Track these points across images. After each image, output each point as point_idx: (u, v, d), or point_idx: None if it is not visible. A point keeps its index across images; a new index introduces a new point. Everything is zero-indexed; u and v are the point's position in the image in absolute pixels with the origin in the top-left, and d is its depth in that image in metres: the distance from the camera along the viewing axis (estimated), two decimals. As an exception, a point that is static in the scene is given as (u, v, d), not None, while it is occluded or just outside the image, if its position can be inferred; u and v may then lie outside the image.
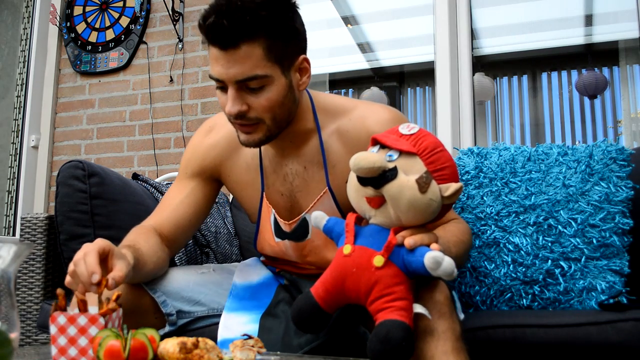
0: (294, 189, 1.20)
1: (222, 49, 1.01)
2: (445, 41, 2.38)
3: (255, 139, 1.09)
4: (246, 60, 1.01)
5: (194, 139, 1.30)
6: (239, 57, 1.01)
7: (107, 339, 0.71)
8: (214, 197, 1.31)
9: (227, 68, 1.02)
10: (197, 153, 1.27)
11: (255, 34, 1.00)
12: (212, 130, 1.28)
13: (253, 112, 1.06)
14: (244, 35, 1.00)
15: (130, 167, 2.85)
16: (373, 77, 4.73)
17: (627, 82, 4.10)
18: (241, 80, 1.02)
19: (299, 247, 1.22)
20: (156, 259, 1.14)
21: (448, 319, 0.91)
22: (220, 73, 1.03)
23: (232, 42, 1.00)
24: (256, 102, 1.05)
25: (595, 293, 1.30)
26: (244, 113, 1.05)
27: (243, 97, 1.05)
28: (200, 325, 1.21)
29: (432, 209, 0.90)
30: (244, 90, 1.04)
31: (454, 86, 2.37)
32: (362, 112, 1.17)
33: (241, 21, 0.99)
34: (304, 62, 1.11)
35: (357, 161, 0.88)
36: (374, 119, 1.14)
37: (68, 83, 3.05)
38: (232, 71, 1.02)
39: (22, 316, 1.62)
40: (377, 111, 1.16)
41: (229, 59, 1.01)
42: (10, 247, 0.67)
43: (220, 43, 1.01)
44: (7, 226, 3.05)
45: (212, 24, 0.99)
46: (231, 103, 1.04)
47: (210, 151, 1.26)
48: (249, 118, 1.06)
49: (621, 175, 1.37)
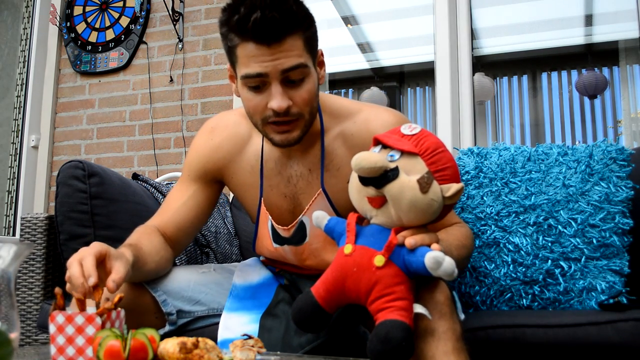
0: (297, 191, 1.20)
1: (267, 44, 0.99)
2: (445, 41, 2.38)
3: (294, 137, 1.08)
4: (291, 51, 1.01)
5: (197, 140, 1.28)
6: (285, 48, 1.00)
7: (107, 339, 0.71)
8: (216, 199, 1.31)
9: (272, 61, 1.00)
10: (200, 155, 1.26)
11: (299, 25, 1.01)
12: (215, 131, 1.26)
13: (295, 107, 1.05)
14: (291, 28, 1.00)
15: (130, 167, 2.85)
16: (373, 77, 4.74)
17: (627, 82, 4.10)
18: (289, 68, 1.01)
19: (298, 251, 1.22)
20: (158, 258, 1.14)
21: (448, 319, 0.91)
22: (265, 67, 1.01)
23: (279, 35, 0.99)
24: (298, 96, 1.04)
25: (595, 293, 1.30)
26: (289, 109, 1.04)
27: (286, 92, 1.04)
28: (200, 325, 1.21)
29: (433, 210, 0.90)
30: (286, 84, 1.04)
31: (454, 86, 2.37)
32: (367, 115, 1.17)
33: (289, 13, 0.98)
34: (321, 55, 1.13)
35: (358, 161, 0.88)
36: (378, 122, 1.14)
37: (68, 83, 3.05)
38: (279, 62, 1.00)
39: (22, 316, 1.62)
40: (382, 114, 1.16)
41: (274, 52, 1.00)
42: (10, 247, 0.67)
43: (267, 38, 0.99)
44: (7, 226, 3.05)
45: (260, 18, 0.97)
46: (280, 98, 1.02)
47: (214, 154, 1.25)
48: (292, 114, 1.05)
49: (621, 175, 1.37)
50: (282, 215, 1.22)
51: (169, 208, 1.25)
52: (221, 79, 2.76)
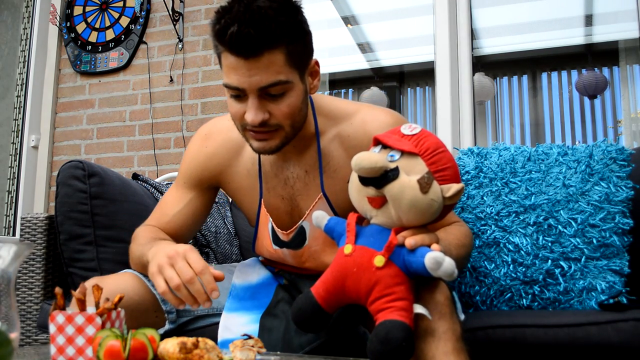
0: (294, 192, 1.20)
1: (245, 58, 0.98)
2: (445, 41, 2.38)
3: (272, 146, 1.07)
4: (269, 67, 0.98)
5: (191, 147, 1.27)
6: (262, 64, 0.98)
7: (107, 339, 0.71)
8: (212, 203, 1.31)
9: (248, 76, 0.99)
10: (194, 163, 1.25)
11: (278, 41, 0.98)
12: (209, 138, 1.25)
13: (274, 119, 1.03)
14: (269, 43, 0.97)
15: (130, 167, 2.85)
16: (373, 77, 4.74)
17: (627, 82, 4.10)
18: (264, 86, 1.00)
19: (297, 255, 1.22)
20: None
21: (448, 319, 0.91)
22: (241, 82, 1.00)
23: (256, 50, 0.97)
24: (277, 109, 1.03)
25: (595, 293, 1.30)
26: (266, 121, 1.03)
27: (264, 104, 1.02)
28: (200, 325, 1.21)
29: (434, 210, 0.90)
30: (264, 97, 1.02)
31: (454, 86, 2.37)
32: (364, 116, 1.16)
33: (266, 29, 0.96)
34: (315, 65, 1.10)
35: (358, 161, 0.88)
36: (375, 123, 1.13)
37: (68, 83, 3.05)
38: (255, 79, 0.99)
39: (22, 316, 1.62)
40: (379, 115, 1.16)
41: (251, 67, 0.98)
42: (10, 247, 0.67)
43: (244, 52, 0.97)
44: (7, 226, 3.05)
45: (236, 33, 0.95)
46: (254, 112, 1.01)
47: (209, 161, 1.24)
48: (270, 125, 1.04)
49: (621, 175, 1.37)
50: (280, 217, 1.22)
51: (165, 214, 1.25)
52: (221, 79, 2.74)
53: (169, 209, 1.25)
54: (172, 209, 1.25)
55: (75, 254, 1.45)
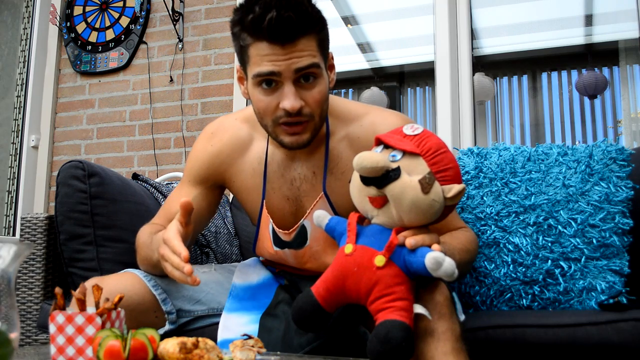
0: (300, 193, 1.19)
1: (281, 44, 0.99)
2: (445, 41, 2.38)
3: (304, 139, 1.08)
4: (304, 51, 1.01)
5: (197, 146, 1.28)
6: (298, 49, 1.00)
7: (107, 339, 0.71)
8: (217, 202, 1.31)
9: (286, 60, 1.00)
10: (200, 162, 1.26)
11: (313, 27, 1.01)
12: (215, 136, 1.25)
13: (307, 107, 1.05)
14: (305, 28, 1.00)
15: (130, 167, 2.85)
16: (373, 77, 4.73)
17: (627, 82, 4.10)
18: (303, 67, 1.01)
19: (298, 255, 1.22)
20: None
21: (448, 319, 0.91)
22: (278, 66, 1.01)
23: (293, 35, 0.99)
24: (310, 97, 1.04)
25: (595, 293, 1.30)
26: (301, 109, 1.04)
27: (298, 92, 1.03)
28: (200, 325, 1.21)
29: (435, 210, 0.90)
30: (298, 85, 1.03)
31: (454, 86, 2.37)
32: (373, 118, 1.16)
33: (305, 14, 0.98)
34: (331, 58, 1.12)
35: (360, 160, 0.88)
36: (384, 125, 1.13)
37: (68, 83, 3.05)
38: (293, 62, 1.00)
39: (22, 316, 1.62)
40: (388, 117, 1.16)
41: (287, 52, 1.00)
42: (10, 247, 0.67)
43: (281, 38, 0.99)
44: (7, 226, 3.05)
45: (275, 18, 0.96)
46: (293, 98, 1.02)
47: (215, 159, 1.24)
48: (304, 114, 1.05)
49: (621, 175, 1.37)
50: (284, 218, 1.21)
51: (170, 212, 1.25)
52: (221, 79, 2.76)
53: (174, 207, 1.25)
54: (177, 207, 1.25)
55: (75, 254, 1.45)
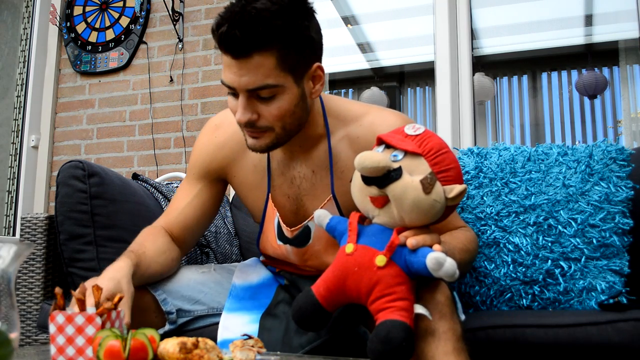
0: (300, 192, 1.20)
1: (234, 58, 1.00)
2: (445, 41, 2.38)
3: (262, 145, 1.08)
4: (258, 69, 0.99)
5: (201, 138, 1.28)
6: (251, 66, 0.99)
7: (107, 339, 0.71)
8: (221, 197, 1.31)
9: (238, 76, 1.00)
10: (204, 153, 1.26)
11: (268, 44, 0.98)
12: (220, 128, 1.26)
13: (263, 120, 1.04)
14: (257, 45, 0.98)
15: (130, 167, 2.85)
16: (373, 77, 4.73)
17: (627, 82, 4.10)
18: (252, 89, 1.01)
19: (300, 252, 1.22)
20: (163, 259, 1.16)
21: (449, 319, 0.91)
22: (232, 80, 1.02)
23: (244, 51, 0.98)
24: (266, 111, 1.03)
25: (595, 293, 1.30)
26: (254, 122, 1.04)
27: (253, 105, 1.03)
28: (200, 325, 1.21)
29: (436, 210, 0.90)
30: (254, 98, 1.03)
31: (454, 86, 2.37)
32: (373, 118, 1.16)
33: (254, 32, 0.97)
34: (318, 70, 1.08)
35: (361, 160, 0.88)
36: (384, 125, 1.12)
37: (68, 83, 3.05)
38: (244, 80, 1.00)
39: (22, 316, 1.62)
40: (388, 117, 1.16)
41: (241, 67, 1.00)
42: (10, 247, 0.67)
43: (232, 52, 0.99)
44: (7, 226, 3.05)
45: (224, 33, 0.97)
46: (241, 111, 1.03)
47: (218, 152, 1.25)
48: (259, 127, 1.05)
49: (621, 175, 1.37)
50: (285, 215, 1.22)
51: (174, 208, 1.26)
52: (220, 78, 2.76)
53: (179, 202, 1.26)
54: (183, 202, 1.26)
55: (75, 254, 1.45)
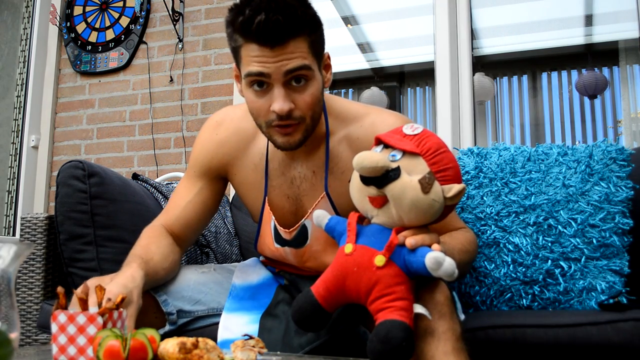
0: (300, 192, 1.19)
1: (270, 46, 0.99)
2: (445, 41, 2.38)
3: (295, 140, 1.07)
4: (294, 52, 1.00)
5: (202, 135, 1.27)
6: (287, 51, 0.99)
7: (106, 339, 0.71)
8: (221, 195, 1.31)
9: (275, 62, 1.00)
10: (205, 150, 1.26)
11: (302, 29, 1.00)
12: (221, 125, 1.25)
13: (298, 110, 1.04)
14: (294, 31, 0.99)
15: (130, 167, 2.85)
16: (373, 77, 4.73)
17: (627, 82, 4.10)
18: (292, 69, 1.01)
19: (299, 254, 1.22)
20: (168, 264, 1.16)
21: (448, 319, 0.91)
22: (268, 67, 1.00)
23: (282, 38, 0.98)
24: (300, 99, 1.04)
25: (595, 293, 1.30)
26: (291, 112, 1.03)
27: (289, 95, 1.03)
28: (200, 325, 1.21)
29: (435, 210, 0.90)
30: (289, 87, 1.03)
31: (454, 86, 2.37)
32: (373, 119, 1.16)
33: (293, 17, 0.98)
34: (328, 58, 1.12)
35: (360, 160, 0.88)
36: (384, 126, 1.12)
37: (68, 83, 3.05)
38: (282, 64, 1.00)
39: (22, 316, 1.62)
40: (388, 118, 1.16)
41: (277, 54, 0.99)
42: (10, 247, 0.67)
43: (270, 41, 0.98)
44: (7, 226, 3.04)
45: (264, 21, 0.96)
46: (282, 101, 1.02)
47: (219, 149, 1.24)
48: (294, 117, 1.04)
49: (621, 175, 1.37)
50: (284, 216, 1.21)
51: (175, 205, 1.26)
52: (221, 79, 2.76)
53: (180, 199, 1.26)
54: (184, 200, 1.25)
55: (75, 254, 1.45)
